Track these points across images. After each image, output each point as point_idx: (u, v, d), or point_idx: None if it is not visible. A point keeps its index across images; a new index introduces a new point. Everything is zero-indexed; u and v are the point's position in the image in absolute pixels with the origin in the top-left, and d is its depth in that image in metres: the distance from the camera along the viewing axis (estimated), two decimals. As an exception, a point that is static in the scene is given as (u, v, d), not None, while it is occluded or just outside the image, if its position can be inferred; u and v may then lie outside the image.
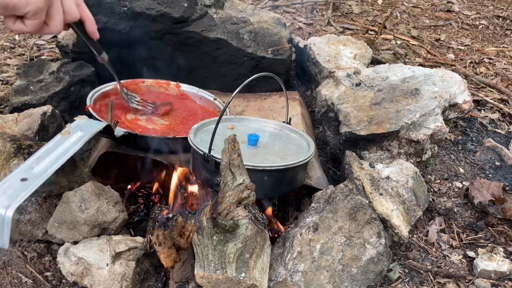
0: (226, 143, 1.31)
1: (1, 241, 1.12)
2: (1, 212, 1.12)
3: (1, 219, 1.12)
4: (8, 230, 1.12)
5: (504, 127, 2.36)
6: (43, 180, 1.26)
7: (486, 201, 1.78)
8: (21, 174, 1.27)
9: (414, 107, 1.90)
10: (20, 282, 1.47)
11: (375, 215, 1.54)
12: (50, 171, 1.30)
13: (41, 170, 1.30)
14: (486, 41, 3.25)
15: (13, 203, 1.15)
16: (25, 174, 1.27)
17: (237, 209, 1.31)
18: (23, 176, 1.26)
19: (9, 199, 1.16)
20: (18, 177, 1.25)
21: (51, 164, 1.33)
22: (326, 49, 2.39)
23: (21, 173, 1.27)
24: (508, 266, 1.58)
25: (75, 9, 1.20)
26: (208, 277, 1.30)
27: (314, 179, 1.76)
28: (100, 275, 1.41)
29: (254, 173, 1.42)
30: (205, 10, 2.29)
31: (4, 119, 1.73)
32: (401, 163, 1.78)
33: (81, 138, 1.46)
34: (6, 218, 1.12)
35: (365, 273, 1.46)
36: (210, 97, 2.08)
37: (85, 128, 1.51)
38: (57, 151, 1.39)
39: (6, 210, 1.13)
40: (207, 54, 2.23)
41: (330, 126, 2.02)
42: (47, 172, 1.29)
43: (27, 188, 1.22)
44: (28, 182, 1.24)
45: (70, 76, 2.10)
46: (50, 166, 1.32)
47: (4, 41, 2.76)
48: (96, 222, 1.48)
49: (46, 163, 1.33)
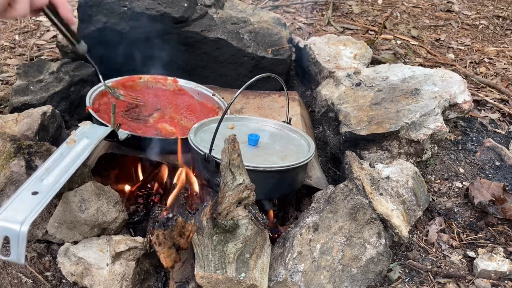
0: (226, 143, 1.31)
1: (17, 256, 1.12)
2: (16, 228, 1.12)
3: (17, 235, 1.12)
4: (23, 245, 1.12)
5: (504, 127, 2.36)
6: (54, 192, 1.26)
7: (486, 201, 1.78)
8: (31, 187, 1.26)
9: (414, 107, 1.90)
10: (20, 282, 1.47)
11: (375, 215, 1.54)
12: (61, 183, 1.29)
13: (51, 182, 1.29)
14: (486, 41, 3.25)
15: (27, 219, 1.15)
16: (36, 187, 1.26)
17: (237, 209, 1.31)
18: (34, 190, 1.25)
19: (23, 214, 1.16)
20: (29, 191, 1.24)
21: (61, 174, 1.32)
22: (326, 49, 2.39)
23: (32, 186, 1.26)
24: (508, 266, 1.58)
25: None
26: (208, 277, 1.30)
27: (314, 179, 1.76)
28: (100, 275, 1.41)
29: (254, 173, 1.42)
30: (205, 10, 2.29)
31: (4, 119, 1.73)
32: (401, 163, 1.78)
33: (88, 146, 1.45)
34: (21, 234, 1.12)
35: (365, 273, 1.46)
36: (208, 93, 2.05)
37: (90, 135, 1.50)
38: (65, 160, 1.38)
39: (21, 226, 1.13)
40: (207, 54, 2.23)
41: (330, 126, 2.02)
42: (57, 184, 1.28)
43: (40, 202, 1.21)
44: (40, 195, 1.23)
45: (70, 76, 2.10)
46: (60, 177, 1.31)
47: (4, 41, 2.76)
48: (96, 222, 1.48)
49: (56, 174, 1.32)
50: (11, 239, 1.12)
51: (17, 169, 1.51)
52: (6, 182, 1.51)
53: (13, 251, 1.12)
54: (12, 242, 1.12)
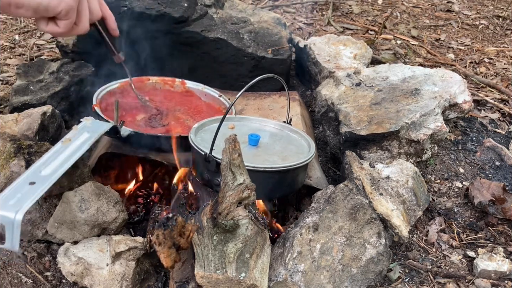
0: (227, 143, 1.31)
1: (12, 244, 1.13)
2: (11, 215, 1.13)
3: (11, 223, 1.13)
4: (18, 233, 1.13)
5: (504, 127, 2.36)
6: (51, 183, 1.27)
7: (486, 201, 1.78)
8: (29, 177, 1.27)
9: (414, 107, 1.90)
10: (20, 282, 1.47)
11: (375, 215, 1.54)
12: (58, 174, 1.30)
13: (49, 173, 1.30)
14: (486, 41, 3.25)
15: (22, 207, 1.15)
16: (34, 178, 1.27)
17: (238, 209, 1.31)
18: (31, 180, 1.26)
19: (18, 203, 1.17)
20: (26, 181, 1.25)
21: (59, 166, 1.33)
22: (326, 49, 2.39)
23: (30, 176, 1.27)
24: (508, 266, 1.58)
25: (98, 8, 1.20)
26: (208, 277, 1.30)
27: (314, 179, 1.76)
28: (100, 275, 1.41)
29: (255, 174, 1.42)
30: (205, 10, 2.29)
31: (4, 119, 1.73)
32: (401, 163, 1.78)
33: (88, 140, 1.46)
34: (16, 222, 1.13)
35: (365, 273, 1.46)
36: (215, 94, 2.08)
37: (91, 130, 1.51)
38: (64, 153, 1.39)
39: (16, 214, 1.13)
40: (207, 54, 2.22)
41: (330, 126, 2.02)
42: (55, 175, 1.29)
43: (36, 192, 1.22)
44: (37, 185, 1.24)
45: (70, 76, 2.10)
46: (57, 169, 1.32)
47: (4, 41, 2.76)
48: (96, 222, 1.48)
49: (54, 166, 1.33)
50: (5, 227, 1.13)
51: (17, 169, 1.51)
52: (6, 182, 1.51)
53: (7, 238, 1.13)
54: (7, 230, 1.13)
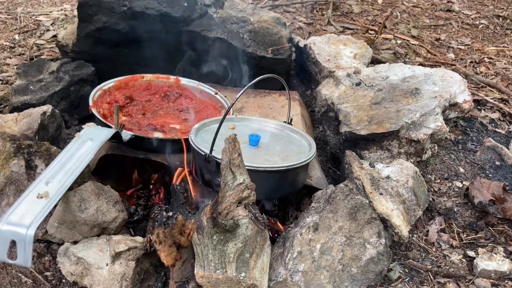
0: (227, 143, 1.31)
1: (24, 260, 1.13)
2: (22, 231, 1.13)
3: (23, 239, 1.12)
4: (30, 249, 1.13)
5: (504, 127, 2.36)
6: (59, 196, 1.26)
7: (486, 201, 1.78)
8: (37, 190, 1.26)
9: (414, 107, 1.90)
10: (20, 282, 1.47)
11: (375, 214, 1.54)
12: (65, 186, 1.29)
13: (56, 185, 1.29)
14: (486, 40, 3.25)
15: (33, 223, 1.15)
16: (41, 191, 1.26)
17: (237, 209, 1.30)
18: (39, 193, 1.25)
19: (29, 218, 1.16)
20: (34, 194, 1.25)
21: (65, 178, 1.32)
22: (326, 49, 2.39)
23: (37, 189, 1.27)
24: (508, 266, 1.58)
25: None
26: (208, 277, 1.30)
27: (314, 178, 1.76)
28: (100, 275, 1.41)
29: (255, 174, 1.42)
30: (205, 9, 2.29)
31: (4, 119, 1.73)
32: (401, 163, 1.78)
33: (92, 148, 1.45)
34: (28, 237, 1.13)
35: (365, 273, 1.46)
36: (211, 91, 2.06)
37: (94, 137, 1.50)
38: (69, 163, 1.38)
39: (27, 230, 1.13)
40: (206, 53, 2.22)
41: (330, 126, 2.02)
42: (62, 187, 1.28)
43: (45, 206, 1.21)
44: (45, 199, 1.23)
45: (70, 76, 2.10)
46: (64, 180, 1.31)
47: (4, 41, 2.75)
48: (96, 222, 1.48)
49: (60, 177, 1.32)
50: (17, 242, 1.13)
51: (17, 169, 1.51)
52: (6, 182, 1.51)
53: (20, 254, 1.13)
54: (18, 245, 1.13)
